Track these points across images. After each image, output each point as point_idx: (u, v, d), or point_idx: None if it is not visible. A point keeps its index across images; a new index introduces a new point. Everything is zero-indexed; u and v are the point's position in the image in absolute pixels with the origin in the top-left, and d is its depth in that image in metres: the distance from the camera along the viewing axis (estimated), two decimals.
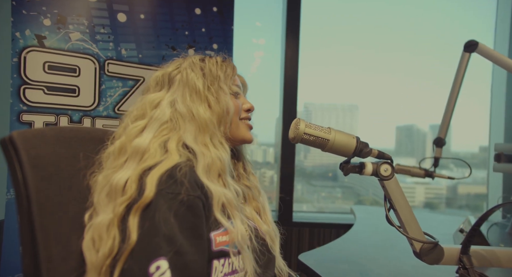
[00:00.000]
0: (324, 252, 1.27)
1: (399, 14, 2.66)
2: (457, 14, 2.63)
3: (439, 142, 1.49)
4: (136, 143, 0.67)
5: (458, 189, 2.79)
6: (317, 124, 0.79)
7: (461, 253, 0.74)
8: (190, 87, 0.75)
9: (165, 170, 0.63)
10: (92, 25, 1.42)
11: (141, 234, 0.58)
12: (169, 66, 0.81)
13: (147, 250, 0.58)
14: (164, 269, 0.57)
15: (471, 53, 1.39)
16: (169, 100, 0.74)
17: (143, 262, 0.57)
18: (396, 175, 0.84)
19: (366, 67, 2.67)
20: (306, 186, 2.85)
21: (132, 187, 0.62)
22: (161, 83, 0.78)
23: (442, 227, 1.73)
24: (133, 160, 0.66)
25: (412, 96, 2.64)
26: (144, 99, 0.75)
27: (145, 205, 0.60)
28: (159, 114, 0.72)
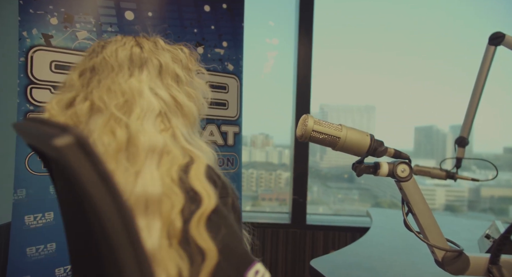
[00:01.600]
0: (338, 257, 1.20)
1: (417, 14, 2.57)
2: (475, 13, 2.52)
3: (461, 142, 1.39)
4: (147, 141, 0.55)
5: (481, 191, 2.67)
6: (327, 121, 0.74)
7: (490, 263, 0.67)
8: (170, 75, 0.65)
9: (204, 171, 0.56)
10: (99, 24, 1.41)
11: (223, 245, 0.52)
12: (126, 43, 0.66)
13: (237, 259, 0.53)
14: (263, 272, 0.54)
15: (497, 46, 1.29)
16: (150, 87, 0.62)
17: (237, 273, 0.52)
18: (415, 177, 0.77)
19: (383, 68, 2.59)
20: (322, 188, 2.80)
21: (177, 193, 0.53)
22: (129, 64, 0.63)
23: (465, 232, 1.63)
24: (150, 161, 0.55)
25: (432, 96, 2.55)
26: (120, 84, 0.60)
27: (209, 213, 0.52)
28: (149, 105, 0.60)
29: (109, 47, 0.65)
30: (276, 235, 2.14)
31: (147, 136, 0.56)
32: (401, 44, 2.58)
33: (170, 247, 0.51)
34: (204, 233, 0.51)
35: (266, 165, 2.76)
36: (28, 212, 1.26)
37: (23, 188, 1.25)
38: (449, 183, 2.69)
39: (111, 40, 0.68)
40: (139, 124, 0.57)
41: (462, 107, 1.40)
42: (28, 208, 1.26)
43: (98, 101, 0.59)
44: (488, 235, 1.27)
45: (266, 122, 2.73)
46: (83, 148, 0.40)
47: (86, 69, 0.64)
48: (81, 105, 0.60)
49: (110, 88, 0.60)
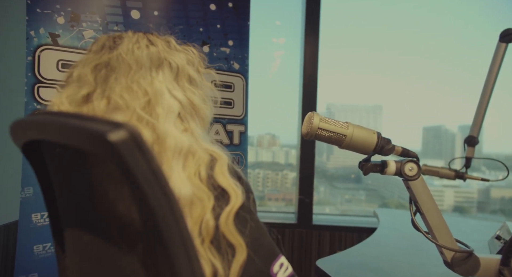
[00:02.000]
0: (344, 258, 1.19)
1: (425, 13, 2.54)
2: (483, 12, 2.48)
3: (471, 141, 1.37)
4: (173, 141, 0.55)
5: (491, 192, 2.63)
6: (333, 119, 0.73)
7: (501, 264, 0.65)
8: (186, 77, 0.65)
9: (227, 168, 0.57)
10: (106, 23, 1.41)
11: (251, 239, 0.53)
12: (137, 40, 0.65)
13: (265, 252, 0.55)
14: (287, 265, 0.56)
15: (508, 43, 1.26)
16: (168, 88, 0.61)
17: (264, 265, 0.54)
18: (423, 177, 0.76)
19: (390, 67, 2.57)
20: (329, 188, 2.79)
21: (207, 192, 0.54)
22: (150, 64, 0.62)
23: (475, 233, 1.60)
24: (176, 162, 0.55)
25: (440, 96, 2.51)
26: (140, 83, 0.59)
27: (237, 209, 0.54)
28: (169, 106, 0.59)
29: (124, 44, 0.63)
30: (282, 235, 2.13)
31: (172, 137, 0.56)
32: (408, 44, 2.55)
33: (203, 246, 0.52)
34: (233, 229, 0.52)
35: (273, 165, 2.75)
36: (35, 210, 1.27)
37: (31, 186, 1.26)
38: (458, 184, 2.65)
39: (122, 35, 0.66)
40: (166, 125, 0.57)
41: (471, 107, 1.37)
42: (35, 206, 1.27)
43: (118, 99, 0.58)
44: (499, 236, 1.24)
45: (272, 123, 2.73)
46: (138, 144, 0.39)
47: (101, 64, 0.62)
48: (99, 102, 0.59)
49: (130, 87, 0.59)
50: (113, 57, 0.62)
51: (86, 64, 0.62)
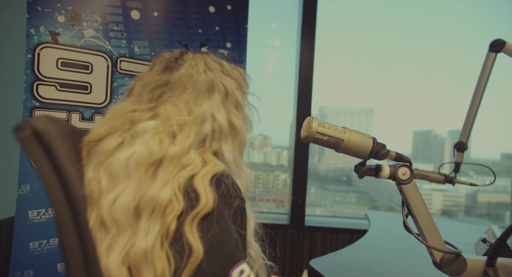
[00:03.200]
0: (337, 258, 1.22)
1: (418, 19, 2.59)
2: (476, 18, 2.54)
3: (460, 146, 1.42)
4: (179, 154, 0.60)
5: (478, 197, 2.69)
6: (331, 124, 0.75)
7: (487, 265, 0.69)
8: (233, 101, 0.71)
9: (213, 175, 0.60)
10: (106, 22, 1.42)
11: (209, 242, 0.54)
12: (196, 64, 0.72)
13: (224, 256, 0.54)
14: (248, 272, 0.55)
15: (497, 53, 1.31)
16: (212, 111, 0.67)
17: (220, 270, 0.54)
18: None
19: (383, 72, 2.61)
20: (320, 190, 2.81)
21: (179, 198, 0.56)
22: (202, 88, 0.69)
23: (462, 235, 1.65)
24: (172, 170, 0.59)
25: (431, 101, 2.57)
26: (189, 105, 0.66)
27: (205, 213, 0.55)
28: (202, 128, 0.65)
29: (184, 67, 0.71)
30: (275, 235, 2.16)
31: (176, 148, 0.60)
32: (401, 49, 2.60)
33: (162, 248, 0.54)
34: (195, 231, 0.54)
35: (264, 166, 2.77)
36: (32, 207, 1.27)
37: (28, 183, 1.27)
38: (446, 188, 2.70)
39: (183, 57, 0.73)
40: (187, 142, 0.62)
41: (461, 113, 1.42)
42: (32, 203, 1.27)
43: (162, 111, 0.64)
44: (485, 239, 1.29)
45: (265, 124, 2.75)
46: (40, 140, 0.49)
47: (159, 85, 0.69)
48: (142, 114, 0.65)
49: (177, 105, 0.66)
50: (173, 79, 0.69)
51: (147, 84, 0.70)
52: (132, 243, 0.55)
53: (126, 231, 0.55)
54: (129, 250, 0.54)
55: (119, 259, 0.54)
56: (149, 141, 0.60)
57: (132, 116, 0.65)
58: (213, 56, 0.77)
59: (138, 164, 0.58)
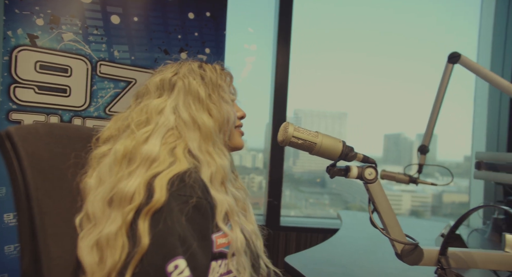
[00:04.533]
0: (310, 255, 1.29)
1: (390, 23, 2.72)
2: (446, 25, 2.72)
3: (423, 149, 1.54)
4: (146, 150, 0.67)
5: (443, 197, 2.83)
6: (305, 128, 0.82)
7: (440, 254, 0.77)
8: (193, 95, 0.76)
9: (174, 174, 0.64)
10: (85, 26, 1.43)
11: (154, 236, 0.58)
12: (165, 71, 0.80)
13: (163, 250, 0.58)
14: (183, 268, 0.58)
15: (454, 64, 1.45)
16: (171, 107, 0.74)
17: (159, 262, 0.57)
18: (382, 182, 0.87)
19: (356, 76, 2.72)
20: (294, 192, 2.85)
21: (141, 193, 0.62)
22: (161, 88, 0.77)
23: (426, 232, 1.78)
24: (142, 167, 0.66)
25: (400, 105, 2.70)
26: (148, 105, 0.74)
27: (156, 209, 0.60)
28: (164, 121, 0.72)
29: (154, 76, 0.80)
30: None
31: (148, 147, 0.68)
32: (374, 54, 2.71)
33: (121, 235, 0.60)
34: (147, 225, 0.59)
35: (240, 169, 2.79)
36: (7, 210, 1.26)
37: (3, 186, 1.25)
38: (415, 189, 2.85)
39: (161, 68, 0.83)
40: (144, 137, 0.69)
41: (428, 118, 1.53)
42: (7, 206, 1.26)
43: (130, 120, 0.73)
44: (443, 234, 1.41)
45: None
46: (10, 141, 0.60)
47: (137, 94, 0.81)
48: (121, 123, 0.75)
49: (141, 109, 0.74)
50: (143, 88, 0.79)
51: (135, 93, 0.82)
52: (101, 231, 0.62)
53: (101, 221, 0.63)
54: (99, 237, 0.62)
55: (90, 245, 0.61)
56: (117, 145, 0.69)
57: (117, 126, 0.75)
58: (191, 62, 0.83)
59: (115, 160, 0.67)
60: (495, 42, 2.35)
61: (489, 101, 2.37)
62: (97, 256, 0.61)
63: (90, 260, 0.61)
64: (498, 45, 2.35)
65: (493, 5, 2.37)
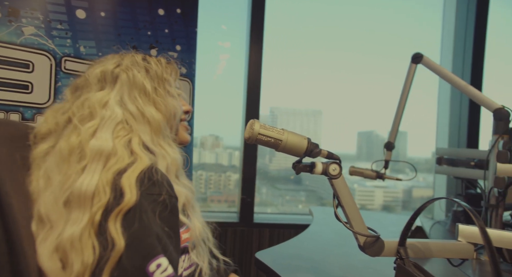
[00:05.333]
0: (280, 250, 1.32)
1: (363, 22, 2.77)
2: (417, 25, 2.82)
3: (388, 146, 1.59)
4: (97, 145, 0.64)
5: (413, 192, 2.95)
6: (271, 126, 0.84)
7: (399, 245, 0.81)
8: (138, 88, 0.74)
9: (140, 171, 0.63)
10: (48, 20, 1.38)
11: (130, 237, 0.57)
12: (106, 62, 0.77)
13: (142, 251, 0.57)
14: (166, 266, 0.58)
15: (417, 64, 1.51)
16: (116, 100, 0.71)
17: (138, 263, 0.56)
18: (355, 179, 0.90)
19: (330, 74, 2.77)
20: (271, 190, 2.87)
21: (106, 191, 0.60)
22: (103, 81, 0.74)
23: (393, 225, 1.85)
24: (97, 163, 0.63)
25: (373, 103, 2.78)
26: (89, 98, 0.71)
27: (128, 209, 0.58)
28: (111, 115, 0.69)
29: (93, 67, 0.76)
30: (225, 233, 2.22)
31: (97, 141, 0.65)
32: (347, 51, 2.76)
33: (89, 237, 0.58)
34: (119, 226, 0.58)
35: (216, 167, 2.77)
36: None
37: None
38: (387, 185, 2.95)
39: (101, 59, 0.79)
40: (91, 131, 0.66)
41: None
42: None
43: (71, 114, 0.69)
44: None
45: (216, 124, 2.77)
46: None
47: (74, 86, 0.75)
48: (61, 117, 0.70)
49: (83, 103, 0.70)
50: (82, 80, 0.75)
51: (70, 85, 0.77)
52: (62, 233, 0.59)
53: (58, 223, 0.60)
54: (59, 240, 0.58)
55: (50, 249, 0.58)
56: (61, 142, 0.66)
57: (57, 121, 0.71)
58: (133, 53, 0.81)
59: (62, 157, 0.64)
60: (456, 44, 2.47)
61: (451, 100, 2.49)
62: (60, 262, 0.58)
63: (52, 266, 0.58)
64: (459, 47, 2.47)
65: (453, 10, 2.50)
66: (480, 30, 2.40)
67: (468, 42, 2.44)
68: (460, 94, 2.45)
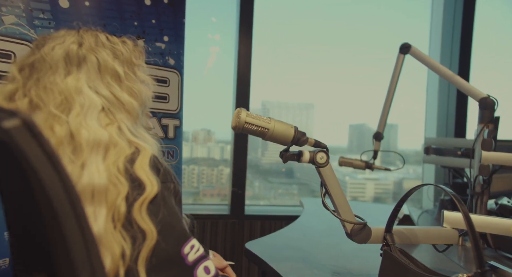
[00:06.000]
0: (270, 240, 1.32)
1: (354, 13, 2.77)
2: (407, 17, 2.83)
3: (377, 136, 1.60)
4: (91, 136, 0.60)
5: (403, 184, 2.98)
6: (258, 115, 0.83)
7: (386, 231, 0.82)
8: (110, 73, 0.68)
9: (149, 160, 0.63)
10: (30, 9, 1.34)
11: (161, 225, 0.58)
12: (65, 40, 0.68)
13: (176, 236, 0.60)
14: (198, 246, 0.62)
15: (405, 54, 1.51)
16: (88, 85, 0.65)
17: (174, 248, 0.59)
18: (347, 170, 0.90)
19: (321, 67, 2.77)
20: (263, 183, 2.89)
21: (122, 182, 0.58)
22: (69, 63, 0.66)
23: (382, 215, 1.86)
24: (96, 155, 0.59)
25: (364, 96, 2.79)
26: (57, 83, 0.63)
27: (151, 198, 0.59)
28: (90, 103, 0.63)
29: (47, 44, 0.67)
30: (216, 225, 2.22)
31: (91, 131, 0.60)
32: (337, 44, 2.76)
33: (115, 230, 0.56)
34: (145, 216, 0.58)
35: (208, 161, 2.76)
36: None
37: None
38: (378, 177, 2.98)
39: (53, 35, 0.70)
40: (80, 120, 0.61)
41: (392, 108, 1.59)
42: None
43: (36, 99, 0.62)
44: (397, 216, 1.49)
45: (208, 118, 2.76)
46: (31, 130, 0.41)
47: (25, 65, 0.66)
48: (21, 101, 0.63)
49: (47, 87, 0.63)
50: (36, 58, 0.66)
51: (16, 63, 0.67)
52: None
53: None
54: None
55: None
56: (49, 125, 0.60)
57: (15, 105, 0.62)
58: (92, 31, 0.73)
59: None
60: (444, 35, 2.49)
61: (440, 90, 2.51)
62: None
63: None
64: (447, 38, 2.49)
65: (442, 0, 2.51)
66: (467, 20, 2.42)
67: (456, 33, 2.45)
68: (448, 84, 2.47)
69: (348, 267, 1.05)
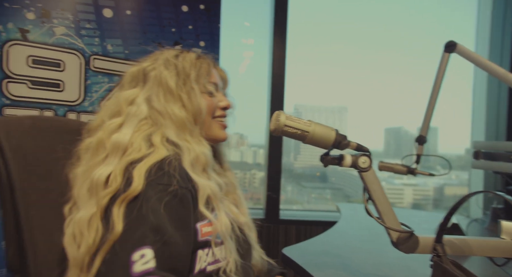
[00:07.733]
0: (308, 246, 1.29)
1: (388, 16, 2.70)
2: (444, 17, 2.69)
3: (420, 140, 1.52)
4: (115, 138, 0.68)
5: (445, 190, 2.84)
6: (297, 117, 0.81)
7: (435, 241, 0.76)
8: (163, 87, 0.75)
9: (153, 162, 0.64)
10: (77, 20, 1.42)
11: (127, 224, 0.59)
12: (146, 61, 0.80)
13: (132, 239, 0.59)
14: (149, 258, 0.57)
15: (451, 53, 1.42)
16: (144, 97, 0.75)
17: (126, 250, 0.58)
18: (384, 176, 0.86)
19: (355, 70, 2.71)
20: (296, 187, 2.86)
21: (117, 179, 0.63)
22: (136, 79, 0.78)
23: (425, 223, 1.77)
24: (115, 155, 0.67)
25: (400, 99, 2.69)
26: (119, 96, 0.76)
27: (132, 197, 0.60)
28: (136, 111, 0.72)
29: (134, 65, 0.81)
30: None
31: (119, 135, 0.69)
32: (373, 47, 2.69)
33: (95, 221, 0.61)
34: (121, 212, 0.60)
35: (241, 165, 2.78)
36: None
37: None
38: (416, 183, 2.84)
39: (147, 57, 0.83)
40: (113, 126, 0.71)
41: None
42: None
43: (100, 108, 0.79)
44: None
45: (241, 122, 2.76)
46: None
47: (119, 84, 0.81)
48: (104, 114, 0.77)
49: (114, 100, 0.77)
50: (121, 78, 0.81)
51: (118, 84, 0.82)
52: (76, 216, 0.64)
53: (82, 208, 0.64)
54: (75, 217, 0.64)
55: (70, 231, 0.63)
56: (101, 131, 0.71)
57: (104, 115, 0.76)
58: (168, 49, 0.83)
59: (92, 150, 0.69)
60: (493, 32, 2.33)
61: (488, 91, 2.35)
62: (75, 243, 0.62)
63: (69, 247, 0.62)
64: (496, 35, 2.32)
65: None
66: None
67: (507, 29, 2.29)
68: (498, 84, 2.30)
69: (392, 276, 1.00)
